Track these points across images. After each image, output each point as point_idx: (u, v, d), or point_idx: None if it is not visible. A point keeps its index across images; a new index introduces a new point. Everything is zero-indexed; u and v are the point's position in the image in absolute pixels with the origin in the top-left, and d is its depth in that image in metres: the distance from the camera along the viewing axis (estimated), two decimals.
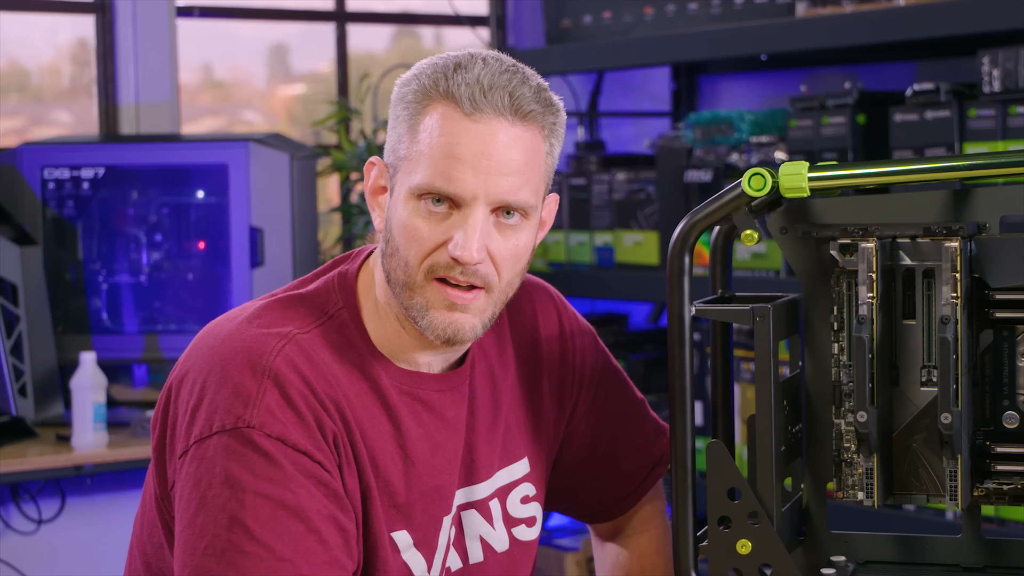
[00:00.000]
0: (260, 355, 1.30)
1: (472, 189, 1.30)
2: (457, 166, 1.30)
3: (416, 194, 1.31)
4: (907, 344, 1.30)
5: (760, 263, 2.79)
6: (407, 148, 1.33)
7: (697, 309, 1.30)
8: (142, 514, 1.42)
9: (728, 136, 2.97)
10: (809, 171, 1.28)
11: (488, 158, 1.30)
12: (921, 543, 1.36)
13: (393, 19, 3.81)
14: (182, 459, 1.30)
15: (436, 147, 1.31)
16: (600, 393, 1.53)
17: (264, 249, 2.91)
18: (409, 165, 1.32)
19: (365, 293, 1.39)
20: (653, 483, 1.59)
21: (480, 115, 1.30)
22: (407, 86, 1.35)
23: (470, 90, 1.30)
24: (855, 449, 1.30)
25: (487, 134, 1.30)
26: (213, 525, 1.25)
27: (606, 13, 3.14)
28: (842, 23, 2.61)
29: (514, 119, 1.31)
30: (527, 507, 1.47)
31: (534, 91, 1.33)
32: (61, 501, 3.08)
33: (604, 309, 3.59)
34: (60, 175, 2.97)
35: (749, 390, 2.75)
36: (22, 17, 3.36)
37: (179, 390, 1.34)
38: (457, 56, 1.35)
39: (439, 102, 1.32)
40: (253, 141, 2.93)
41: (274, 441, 1.26)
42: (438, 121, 1.31)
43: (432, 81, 1.33)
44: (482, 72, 1.31)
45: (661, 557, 1.61)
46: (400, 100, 1.35)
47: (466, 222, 1.31)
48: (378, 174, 1.38)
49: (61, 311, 2.97)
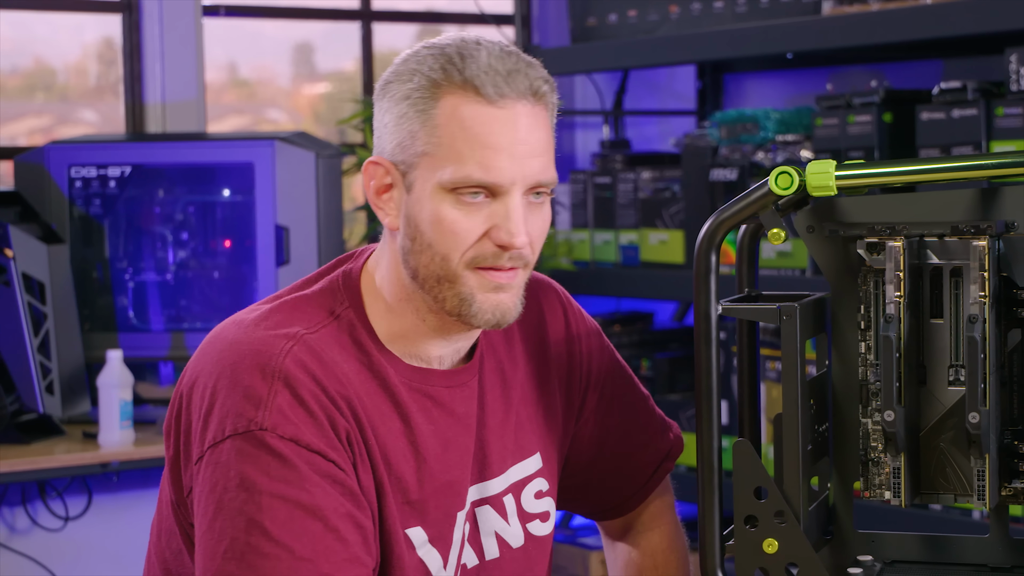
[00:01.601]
0: (269, 357, 1.30)
1: (511, 176, 1.31)
2: (493, 155, 1.30)
3: (450, 188, 1.31)
4: (934, 343, 1.30)
5: (786, 262, 2.79)
6: (425, 143, 1.32)
7: (724, 308, 1.30)
8: (159, 520, 1.42)
9: (754, 135, 2.96)
10: (836, 170, 1.28)
11: (521, 143, 1.31)
12: (948, 543, 1.36)
13: (418, 18, 3.82)
14: (198, 465, 1.30)
15: (467, 138, 1.30)
16: (607, 392, 1.54)
17: (290, 247, 2.93)
18: (432, 160, 1.32)
19: (369, 291, 1.39)
20: (661, 478, 1.59)
21: (504, 100, 1.31)
22: (407, 81, 1.33)
23: (491, 77, 1.30)
24: (882, 448, 1.30)
25: (513, 119, 1.31)
26: (231, 529, 1.25)
27: (631, 12, 3.14)
28: (868, 21, 2.60)
29: (533, 101, 1.32)
30: (541, 502, 1.47)
31: (539, 70, 1.34)
32: (88, 498, 3.11)
33: (629, 308, 3.59)
34: (87, 174, 2.99)
35: (775, 389, 2.75)
36: (49, 17, 3.38)
37: (190, 396, 1.34)
38: (450, 44, 1.34)
39: (454, 92, 1.31)
40: (279, 140, 2.94)
41: (287, 442, 1.27)
42: (460, 111, 1.31)
43: (441, 72, 1.31)
44: (490, 58, 1.31)
45: (674, 553, 1.61)
46: (403, 98, 1.33)
47: (508, 209, 1.31)
48: (383, 174, 1.35)
49: (88, 309, 3.00)
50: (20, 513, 3.05)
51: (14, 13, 3.34)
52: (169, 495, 1.38)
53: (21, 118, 3.45)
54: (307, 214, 2.93)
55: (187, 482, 1.33)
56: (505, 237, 1.31)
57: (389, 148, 1.35)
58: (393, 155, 1.34)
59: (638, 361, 3.23)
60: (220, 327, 1.39)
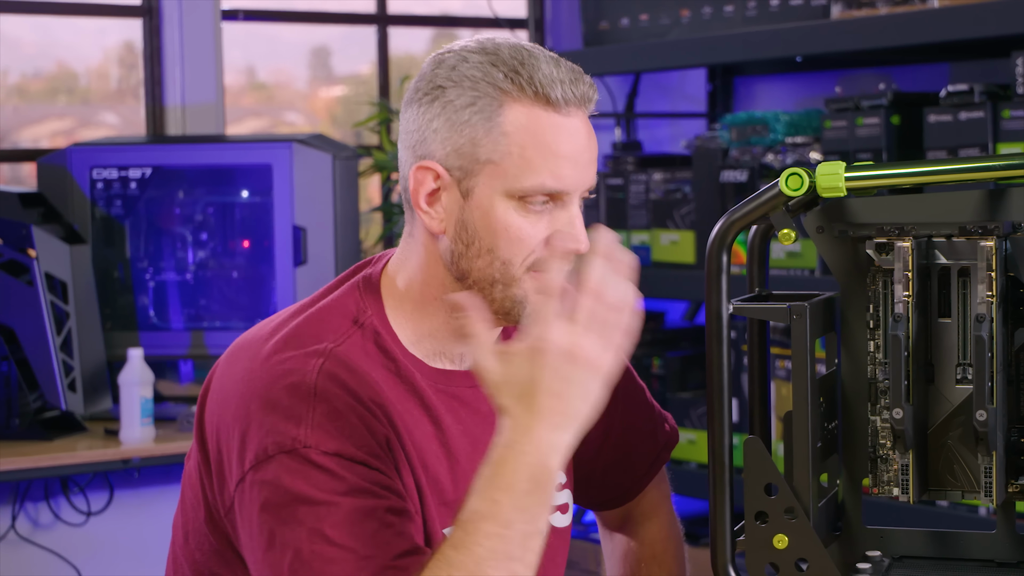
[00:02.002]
0: (302, 375, 1.30)
1: (576, 183, 1.33)
2: (563, 164, 1.32)
3: (518, 196, 1.32)
4: (942, 342, 1.31)
5: (795, 262, 2.81)
6: (490, 151, 1.31)
7: (735, 307, 1.31)
8: (183, 524, 1.42)
9: (763, 137, 2.98)
10: (846, 171, 1.30)
11: (585, 150, 1.33)
12: (956, 539, 1.37)
13: (433, 22, 3.84)
14: (239, 487, 1.30)
15: (538, 147, 1.31)
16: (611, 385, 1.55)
17: (307, 248, 2.94)
18: (498, 169, 1.31)
19: (391, 295, 1.39)
20: (658, 469, 1.60)
21: (568, 108, 1.32)
22: (470, 89, 1.32)
23: (558, 86, 1.31)
24: (891, 445, 1.31)
25: (577, 128, 1.33)
26: (294, 540, 1.26)
27: (643, 15, 3.16)
28: (876, 25, 2.62)
29: (587, 108, 1.35)
30: (560, 494, 1.48)
31: (586, 75, 1.36)
32: (109, 494, 3.13)
33: (640, 307, 3.61)
34: (108, 175, 3.02)
35: (784, 387, 2.77)
36: (71, 21, 3.41)
37: (222, 416, 1.33)
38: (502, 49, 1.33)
39: (521, 101, 1.31)
40: (297, 142, 2.96)
41: (332, 457, 1.27)
42: (530, 120, 1.31)
43: (509, 81, 1.31)
44: (548, 65, 1.32)
45: (671, 542, 1.62)
46: (466, 104, 1.31)
47: (571, 216, 1.33)
48: (434, 178, 1.34)
49: (109, 308, 3.01)
50: (43, 508, 3.07)
51: (37, 18, 3.37)
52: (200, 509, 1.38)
53: (44, 121, 3.48)
54: (324, 215, 2.95)
55: (225, 503, 1.34)
56: (572, 244, 1.30)
57: (440, 153, 1.33)
58: (446, 161, 1.33)
59: (649, 360, 3.26)
60: (246, 342, 1.38)
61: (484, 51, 1.33)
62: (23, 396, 2.79)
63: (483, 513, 1.22)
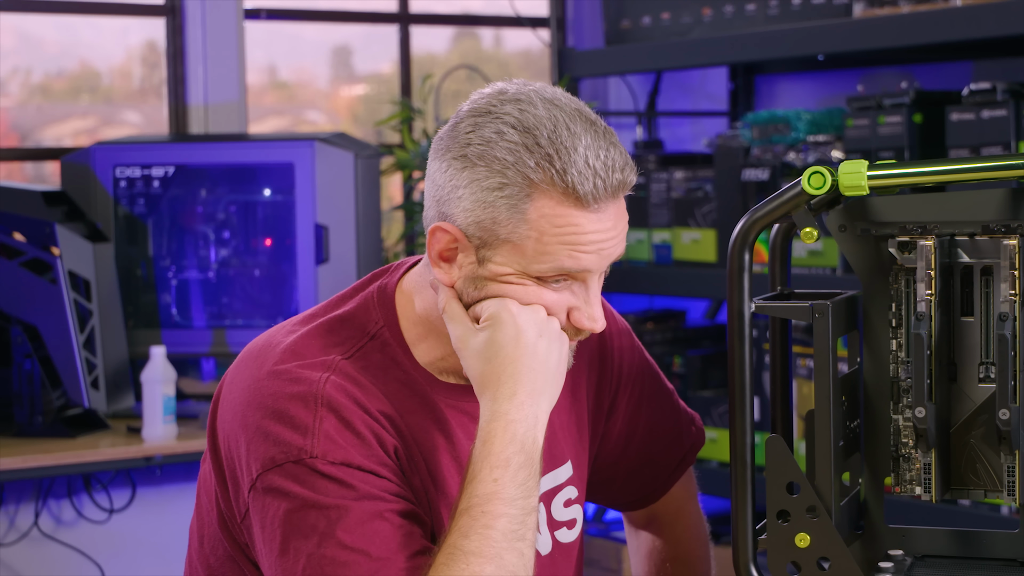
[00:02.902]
0: (310, 385, 1.31)
1: (596, 266, 1.32)
2: (583, 252, 1.30)
3: (535, 275, 1.31)
4: (965, 341, 1.31)
5: (816, 260, 2.80)
6: (510, 232, 1.29)
7: (757, 306, 1.32)
8: (199, 527, 1.43)
9: (785, 135, 2.98)
10: (868, 170, 1.29)
11: (610, 239, 1.32)
12: (978, 538, 1.37)
13: (455, 20, 3.85)
14: (251, 494, 1.31)
15: (559, 237, 1.29)
16: (637, 390, 1.54)
17: (329, 246, 2.95)
18: (517, 249, 1.30)
19: (405, 311, 1.39)
20: (684, 470, 1.60)
21: (600, 204, 1.30)
22: (498, 173, 1.28)
23: (591, 181, 1.28)
24: (913, 444, 1.31)
25: (606, 219, 1.31)
26: (305, 546, 1.26)
27: (665, 14, 3.16)
28: (899, 23, 2.62)
29: (622, 194, 1.33)
30: (569, 510, 1.48)
31: (627, 158, 1.32)
32: (132, 491, 3.14)
33: (662, 305, 3.61)
34: (131, 174, 3.03)
35: (806, 386, 2.77)
36: (94, 20, 3.43)
37: (232, 423, 1.34)
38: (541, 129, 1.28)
39: (550, 195, 1.28)
40: (319, 140, 2.97)
41: (339, 467, 1.28)
42: (556, 215, 1.28)
43: (540, 173, 1.28)
44: (587, 151, 1.28)
45: (697, 542, 1.62)
46: (494, 188, 1.28)
47: (588, 294, 1.33)
48: (450, 240, 1.32)
49: (132, 306, 3.03)
50: (66, 505, 3.09)
51: (61, 17, 3.39)
52: (214, 513, 1.39)
53: (67, 120, 3.50)
54: (346, 213, 2.96)
55: (239, 508, 1.34)
56: (587, 323, 1.32)
57: (462, 220, 1.31)
58: (468, 229, 1.31)
59: (671, 358, 3.26)
60: (257, 348, 1.38)
61: (523, 128, 1.29)
62: (46, 394, 2.80)
63: (488, 495, 1.24)
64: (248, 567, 1.38)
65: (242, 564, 1.39)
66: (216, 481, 1.38)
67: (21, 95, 3.37)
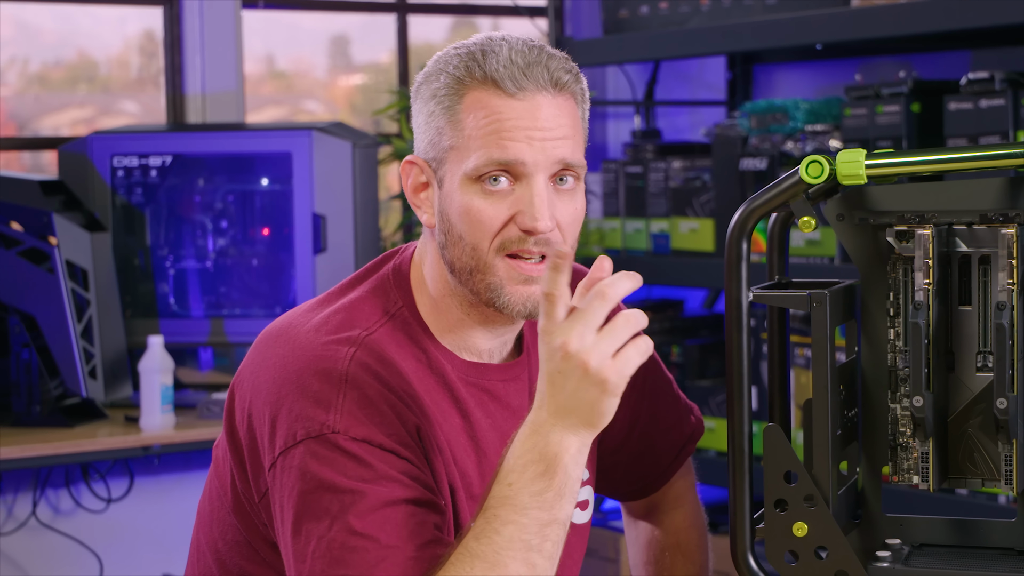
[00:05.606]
0: (334, 362, 1.32)
1: (531, 156, 1.33)
2: (510, 139, 1.33)
3: (473, 177, 1.33)
4: (963, 330, 1.31)
5: (814, 250, 2.81)
6: (451, 139, 1.35)
7: (755, 295, 1.32)
8: (210, 512, 1.43)
9: (783, 124, 2.98)
10: (866, 159, 1.30)
11: (539, 129, 1.33)
12: (976, 527, 1.37)
13: (453, 10, 3.84)
14: (271, 472, 1.32)
15: (485, 127, 1.33)
16: (638, 378, 1.54)
17: (327, 235, 2.95)
18: (458, 154, 1.34)
19: (419, 287, 1.41)
20: (684, 459, 1.61)
21: (523, 93, 1.33)
22: (435, 81, 1.36)
23: (509, 71, 1.33)
24: (911, 433, 1.31)
25: (533, 108, 1.33)
26: (317, 528, 1.27)
27: (663, 3, 3.16)
28: (897, 12, 2.62)
29: (554, 91, 1.34)
30: (581, 491, 1.49)
31: (562, 62, 1.36)
32: (130, 480, 3.14)
33: (660, 295, 3.62)
34: (129, 163, 3.03)
35: (804, 375, 2.77)
36: (92, 10, 3.43)
37: (252, 403, 1.35)
38: (476, 43, 1.37)
39: (476, 88, 1.34)
40: (316, 130, 2.97)
41: (360, 443, 1.28)
42: (481, 105, 1.33)
43: (464, 70, 1.34)
44: (512, 52, 1.34)
45: (695, 531, 1.63)
46: (430, 97, 1.36)
47: (531, 192, 1.33)
48: (418, 172, 1.39)
49: (130, 296, 3.03)
50: (64, 495, 3.09)
51: (58, 6, 3.38)
52: (228, 498, 1.39)
53: (64, 109, 3.50)
54: (344, 203, 2.96)
55: (260, 489, 1.35)
56: (528, 221, 1.32)
57: (422, 147, 1.38)
58: (426, 153, 1.38)
59: (668, 348, 3.26)
60: (277, 329, 1.39)
61: (461, 45, 1.38)
62: (44, 383, 2.81)
63: (501, 498, 1.23)
64: (264, 548, 1.39)
65: (257, 546, 1.39)
66: (234, 462, 1.38)
67: (19, 84, 3.37)
